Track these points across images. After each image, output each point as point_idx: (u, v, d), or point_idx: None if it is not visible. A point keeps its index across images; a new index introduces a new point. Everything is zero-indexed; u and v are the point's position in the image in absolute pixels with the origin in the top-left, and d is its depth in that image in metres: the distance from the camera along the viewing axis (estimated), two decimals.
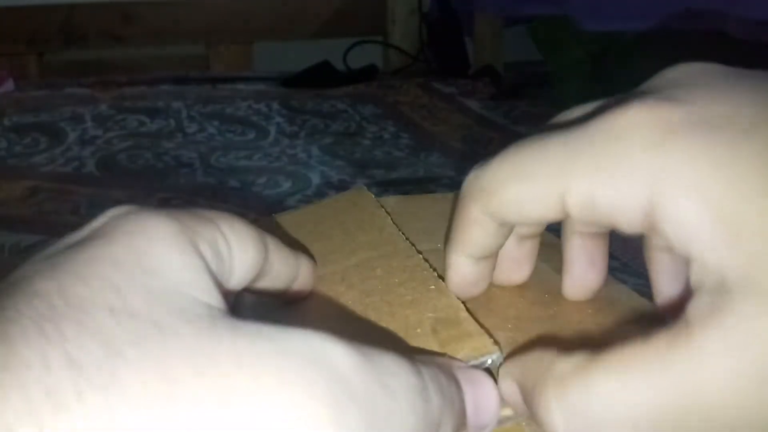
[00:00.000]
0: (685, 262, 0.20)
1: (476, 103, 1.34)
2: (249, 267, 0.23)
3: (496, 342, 0.23)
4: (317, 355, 0.17)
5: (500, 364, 0.23)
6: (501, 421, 0.24)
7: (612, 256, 0.31)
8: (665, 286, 0.26)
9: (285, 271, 0.26)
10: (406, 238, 0.30)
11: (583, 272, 0.28)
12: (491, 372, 0.23)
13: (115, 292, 0.17)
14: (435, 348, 0.23)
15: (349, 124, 1.23)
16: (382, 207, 0.33)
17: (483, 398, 0.21)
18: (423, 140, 1.15)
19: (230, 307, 0.19)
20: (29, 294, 0.17)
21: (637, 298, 0.30)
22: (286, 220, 0.35)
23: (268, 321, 0.18)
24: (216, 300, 0.19)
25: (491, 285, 0.29)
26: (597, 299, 0.29)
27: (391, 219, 0.32)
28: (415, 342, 0.24)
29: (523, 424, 0.24)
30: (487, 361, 0.23)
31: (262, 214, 0.84)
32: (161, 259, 0.19)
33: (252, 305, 0.28)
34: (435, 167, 1.02)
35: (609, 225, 0.22)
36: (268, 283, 0.25)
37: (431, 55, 1.60)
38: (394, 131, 1.20)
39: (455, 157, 1.06)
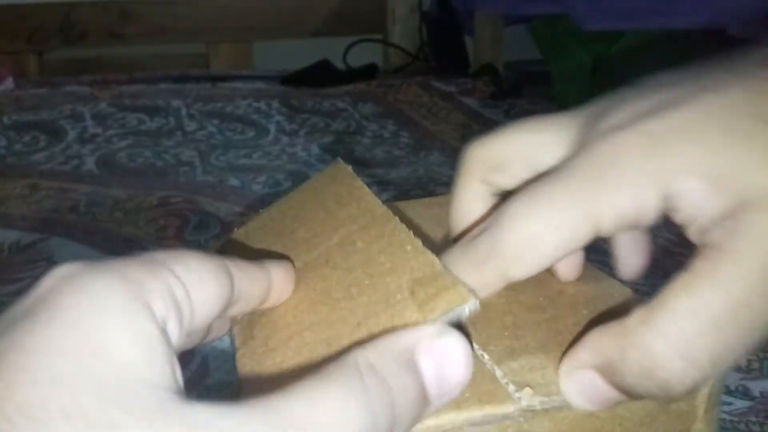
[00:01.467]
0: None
1: (476, 102, 1.34)
2: (213, 300, 0.23)
3: (471, 290, 0.23)
4: None
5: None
6: (500, 419, 0.24)
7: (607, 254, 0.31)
8: (629, 258, 0.30)
9: (256, 290, 0.26)
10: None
11: (631, 256, 0.30)
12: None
13: (66, 389, 0.17)
14: (414, 311, 0.23)
15: (349, 122, 1.23)
16: (359, 178, 0.33)
17: (448, 366, 0.22)
18: (423, 139, 1.15)
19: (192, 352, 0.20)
20: None
21: (630, 294, 0.30)
22: (273, 212, 0.35)
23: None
24: (167, 376, 0.19)
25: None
26: (592, 299, 0.30)
27: (368, 188, 0.32)
28: (395, 310, 0.24)
29: (522, 422, 0.24)
30: (464, 311, 0.22)
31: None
32: (108, 337, 0.18)
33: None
34: (435, 166, 1.02)
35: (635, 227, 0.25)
36: (242, 306, 0.25)
37: (431, 54, 1.60)
38: (393, 130, 1.20)
39: (455, 155, 1.06)
